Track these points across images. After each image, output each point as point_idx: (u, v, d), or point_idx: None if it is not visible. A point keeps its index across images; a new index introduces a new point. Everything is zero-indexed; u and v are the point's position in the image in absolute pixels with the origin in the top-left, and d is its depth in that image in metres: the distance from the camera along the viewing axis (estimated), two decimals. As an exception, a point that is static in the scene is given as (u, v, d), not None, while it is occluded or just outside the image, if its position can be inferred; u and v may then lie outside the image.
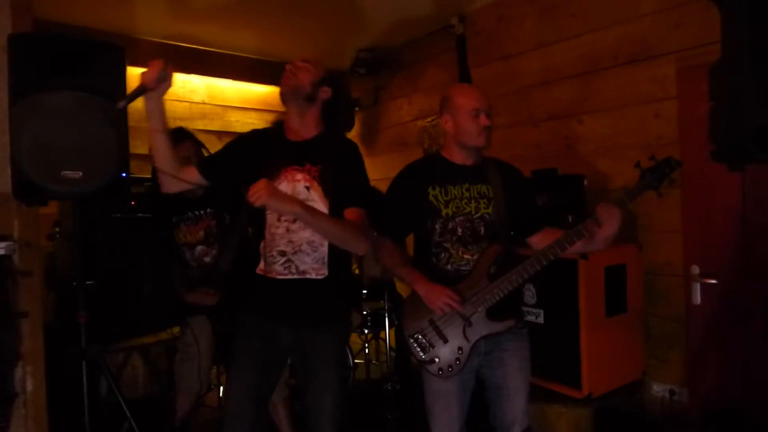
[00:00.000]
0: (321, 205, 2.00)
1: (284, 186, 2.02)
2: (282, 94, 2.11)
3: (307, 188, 2.02)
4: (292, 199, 1.89)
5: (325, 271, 2.03)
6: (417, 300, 2.06)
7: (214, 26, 4.36)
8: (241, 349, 2.09)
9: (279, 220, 2.02)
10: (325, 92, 2.12)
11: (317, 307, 2.05)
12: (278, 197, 1.84)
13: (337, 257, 2.05)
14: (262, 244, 2.09)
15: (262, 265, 2.09)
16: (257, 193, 1.80)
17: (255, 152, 2.12)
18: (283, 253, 2.02)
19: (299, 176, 2.03)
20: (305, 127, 2.11)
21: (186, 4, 3.92)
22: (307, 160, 2.04)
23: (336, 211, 2.01)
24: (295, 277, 2.02)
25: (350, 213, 2.02)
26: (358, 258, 4.29)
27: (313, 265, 2.02)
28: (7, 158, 2.20)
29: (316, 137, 2.11)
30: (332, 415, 2.06)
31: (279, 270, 2.03)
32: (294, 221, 1.99)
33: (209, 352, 2.92)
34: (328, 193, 2.01)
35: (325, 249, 2.02)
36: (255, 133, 2.26)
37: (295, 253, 2.01)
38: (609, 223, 1.94)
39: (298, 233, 2.00)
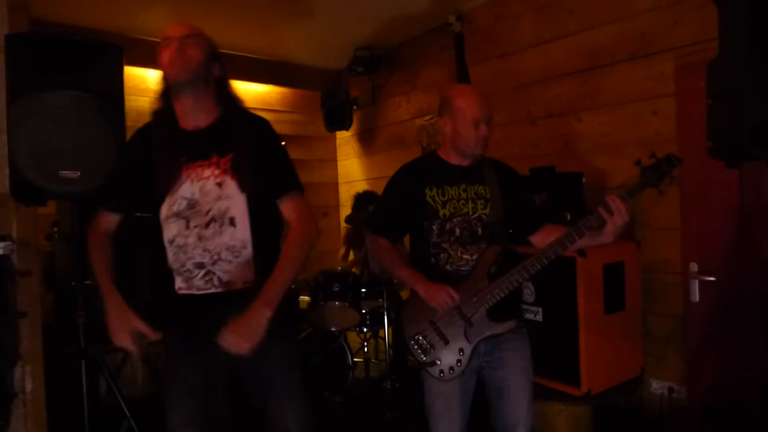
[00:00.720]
0: (237, 202, 1.75)
1: (188, 186, 1.73)
2: (174, 80, 1.72)
3: (219, 185, 1.74)
4: (260, 311, 1.64)
5: (252, 276, 1.78)
6: (417, 301, 2.05)
7: (211, 25, 4.33)
8: (174, 379, 1.84)
9: (188, 227, 1.74)
10: (216, 69, 1.81)
11: None
12: (257, 332, 1.62)
13: (264, 258, 1.79)
14: (170, 259, 1.78)
15: (179, 282, 1.77)
16: (238, 348, 1.61)
17: (147, 156, 1.77)
18: (200, 265, 1.75)
19: (206, 172, 1.74)
20: (203, 112, 1.79)
21: (183, 4, 3.91)
22: (213, 151, 1.75)
23: (256, 204, 1.77)
24: (220, 290, 1.76)
25: (288, 203, 1.81)
26: (364, 258, 4.30)
27: (238, 273, 1.77)
28: (6, 158, 2.20)
29: (217, 121, 1.80)
30: (303, 421, 1.89)
31: (199, 284, 1.76)
32: (206, 226, 1.72)
33: None
34: (246, 186, 1.74)
35: (249, 251, 1.78)
36: (140, 134, 1.88)
37: (214, 263, 1.75)
38: (618, 213, 1.88)
39: (214, 239, 1.74)
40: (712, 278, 2.76)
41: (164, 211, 1.75)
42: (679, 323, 2.99)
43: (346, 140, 5.82)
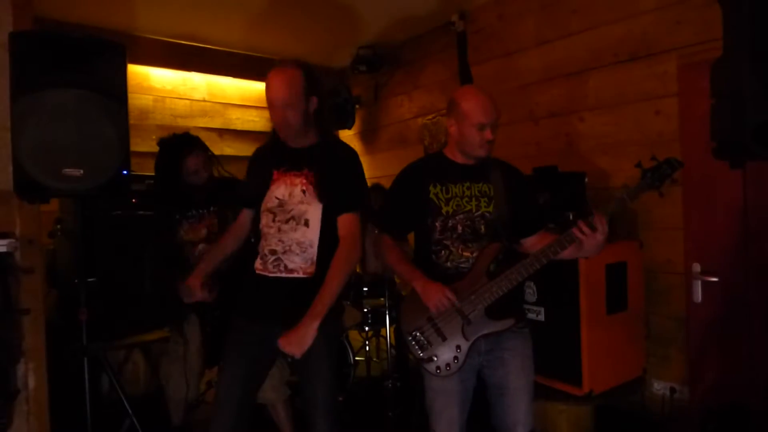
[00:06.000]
0: (315, 209, 2.11)
1: (282, 189, 2.16)
2: (283, 138, 2.18)
3: (304, 192, 2.13)
4: (309, 324, 1.97)
5: (312, 270, 2.10)
6: (416, 297, 2.06)
7: (213, 24, 4.36)
8: (231, 346, 2.21)
9: (274, 221, 2.14)
10: (313, 103, 2.14)
11: (304, 303, 2.03)
12: (306, 340, 1.96)
13: (327, 255, 2.10)
14: (260, 243, 2.19)
15: (258, 263, 2.17)
16: (292, 353, 1.97)
17: (263, 164, 2.27)
18: (273, 252, 2.13)
19: (297, 180, 2.15)
20: (305, 138, 2.19)
21: (186, 2, 3.92)
22: (306, 166, 2.15)
23: (329, 214, 2.12)
24: (284, 275, 2.11)
25: (344, 219, 2.13)
26: (362, 257, 4.29)
27: (301, 264, 2.11)
28: (9, 156, 2.20)
29: (315, 145, 2.20)
30: (325, 405, 2.12)
31: (270, 268, 2.13)
32: (286, 222, 2.12)
33: (199, 353, 2.91)
34: (322, 198, 2.11)
35: (314, 250, 2.11)
36: (262, 150, 2.39)
37: (285, 252, 2.11)
38: (602, 231, 1.90)
39: (289, 234, 2.12)
40: (714, 279, 2.76)
41: (263, 204, 2.19)
42: (682, 324, 2.99)
43: (348, 139, 5.80)
